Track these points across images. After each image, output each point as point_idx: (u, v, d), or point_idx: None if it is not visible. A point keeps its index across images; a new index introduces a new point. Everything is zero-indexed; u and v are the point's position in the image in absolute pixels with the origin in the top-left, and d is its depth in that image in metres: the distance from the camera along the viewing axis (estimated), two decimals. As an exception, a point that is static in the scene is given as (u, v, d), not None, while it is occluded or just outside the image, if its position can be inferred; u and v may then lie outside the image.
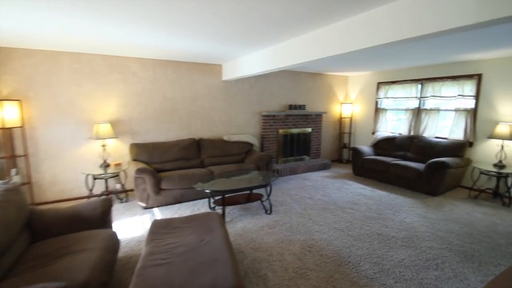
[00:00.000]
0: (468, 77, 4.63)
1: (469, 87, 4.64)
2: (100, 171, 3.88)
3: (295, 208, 3.87)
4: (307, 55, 3.09)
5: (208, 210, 3.80)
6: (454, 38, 3.38)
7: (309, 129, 6.31)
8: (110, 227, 2.53)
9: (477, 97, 4.56)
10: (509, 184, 4.06)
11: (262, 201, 3.88)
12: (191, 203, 4.08)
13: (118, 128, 4.36)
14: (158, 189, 3.79)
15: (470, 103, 4.66)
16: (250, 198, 3.79)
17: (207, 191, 3.33)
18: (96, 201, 2.50)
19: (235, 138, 5.14)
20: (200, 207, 3.92)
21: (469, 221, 3.44)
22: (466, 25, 1.75)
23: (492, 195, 4.31)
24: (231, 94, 5.33)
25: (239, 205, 3.93)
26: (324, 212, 3.74)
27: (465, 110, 4.69)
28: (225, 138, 5.09)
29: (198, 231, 2.24)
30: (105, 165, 4.01)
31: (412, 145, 5.25)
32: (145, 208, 3.84)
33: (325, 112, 6.33)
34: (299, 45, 3.19)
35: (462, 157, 4.57)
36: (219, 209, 3.81)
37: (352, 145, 6.91)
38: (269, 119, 5.72)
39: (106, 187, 4.11)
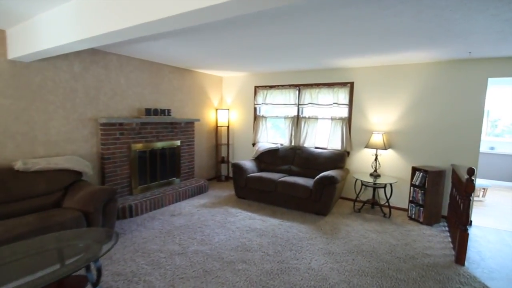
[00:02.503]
0: (342, 84, 4.49)
1: (343, 95, 4.50)
2: None
3: (156, 286, 2.22)
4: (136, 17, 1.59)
5: None
6: (325, 42, 2.87)
7: (178, 142, 4.75)
8: None
9: (350, 105, 4.47)
10: (387, 194, 4.04)
11: (84, 295, 1.98)
12: None
13: None
14: None
15: (344, 112, 4.55)
16: (55, 295, 1.82)
17: None
18: None
19: (42, 164, 2.87)
20: None
21: (371, 249, 2.94)
22: None
23: (371, 205, 4.24)
24: (31, 87, 3.00)
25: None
26: (205, 281, 2.30)
27: (341, 118, 4.54)
28: (19, 166, 2.74)
29: None
30: None
31: (296, 157, 4.71)
32: None
33: (198, 120, 4.96)
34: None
35: (343, 168, 4.35)
36: None
37: (231, 159, 5.88)
38: (113, 130, 3.73)
39: None
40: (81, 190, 2.91)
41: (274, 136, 5.40)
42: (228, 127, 5.76)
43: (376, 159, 4.12)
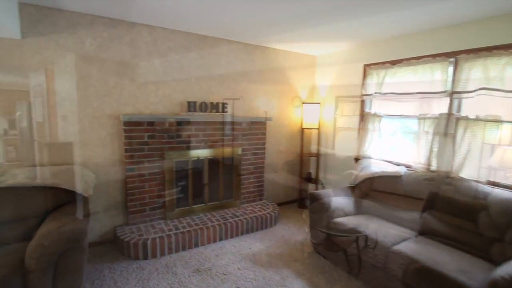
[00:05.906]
0: None
1: None
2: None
3: None
4: None
5: None
6: None
7: (238, 150, 3.35)
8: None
9: None
10: None
11: None
12: None
13: None
14: None
15: None
16: None
17: None
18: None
19: (18, 178, 2.09)
20: None
21: None
22: None
23: None
24: (24, 72, 2.30)
25: None
26: None
27: None
28: (-5, 176, 2.04)
29: None
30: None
31: (439, 199, 2.33)
32: None
33: (269, 119, 3.40)
34: None
35: None
36: None
37: (322, 177, 3.98)
38: (139, 131, 2.70)
39: None
40: (51, 222, 1.95)
41: (394, 150, 3.11)
42: (318, 130, 3.89)
43: None
